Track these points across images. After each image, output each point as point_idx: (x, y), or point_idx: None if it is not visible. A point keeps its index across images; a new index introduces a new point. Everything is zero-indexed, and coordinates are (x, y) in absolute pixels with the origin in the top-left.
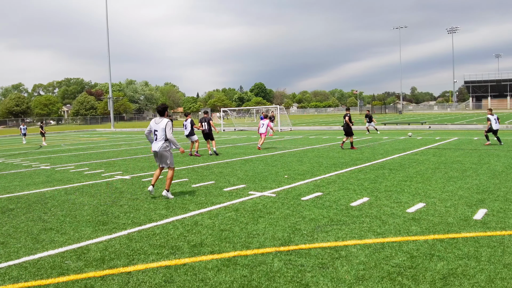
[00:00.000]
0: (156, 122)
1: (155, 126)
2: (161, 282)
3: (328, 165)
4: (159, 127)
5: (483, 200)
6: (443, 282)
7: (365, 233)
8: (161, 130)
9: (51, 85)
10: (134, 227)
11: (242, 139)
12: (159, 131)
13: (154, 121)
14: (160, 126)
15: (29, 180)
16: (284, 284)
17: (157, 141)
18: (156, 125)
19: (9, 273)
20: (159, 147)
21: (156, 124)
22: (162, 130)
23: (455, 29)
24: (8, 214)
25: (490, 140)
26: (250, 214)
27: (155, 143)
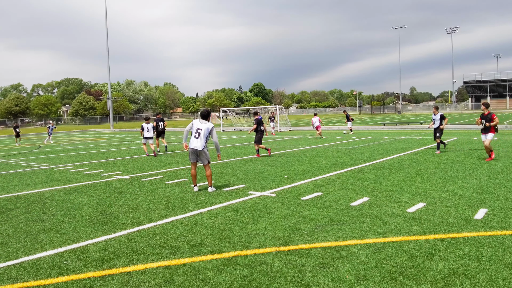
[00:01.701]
0: (201, 122)
1: (200, 125)
2: (161, 282)
3: (328, 165)
4: (204, 127)
5: (483, 200)
6: (444, 282)
7: (365, 233)
8: (206, 130)
9: (50, 85)
10: (134, 227)
11: (242, 139)
12: (203, 130)
13: (199, 121)
14: (206, 126)
15: (28, 180)
16: (284, 284)
17: (199, 139)
18: (201, 124)
19: (8, 273)
20: (202, 145)
21: (201, 124)
22: (207, 130)
23: (454, 29)
24: (7, 214)
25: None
26: (250, 214)
27: (196, 140)
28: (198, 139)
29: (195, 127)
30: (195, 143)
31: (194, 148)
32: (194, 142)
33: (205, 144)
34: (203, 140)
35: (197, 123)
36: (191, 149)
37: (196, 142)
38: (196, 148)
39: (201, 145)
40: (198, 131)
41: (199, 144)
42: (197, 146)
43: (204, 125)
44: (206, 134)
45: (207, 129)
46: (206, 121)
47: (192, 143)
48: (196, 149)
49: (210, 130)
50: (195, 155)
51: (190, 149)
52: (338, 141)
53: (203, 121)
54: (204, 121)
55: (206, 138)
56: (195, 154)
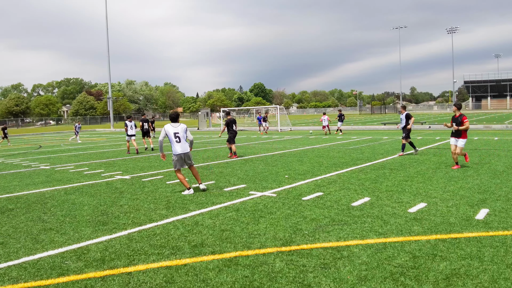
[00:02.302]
0: (174, 125)
1: (174, 129)
2: (162, 283)
3: (329, 165)
4: (180, 129)
5: (484, 200)
6: (446, 282)
7: (367, 233)
8: (183, 132)
9: (51, 85)
10: (135, 227)
11: (242, 139)
12: (180, 133)
13: (171, 126)
14: (181, 128)
15: (29, 180)
16: (286, 284)
17: (181, 143)
18: (175, 128)
19: (9, 273)
20: (188, 147)
21: (175, 127)
22: (184, 132)
23: (454, 29)
24: (7, 214)
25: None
26: (251, 214)
27: (182, 145)
28: (181, 143)
29: (171, 132)
30: (182, 148)
31: (183, 152)
32: (180, 148)
33: (189, 146)
34: (184, 141)
35: (170, 129)
36: (179, 156)
37: (181, 146)
38: (185, 152)
39: (187, 147)
40: (176, 135)
41: (185, 147)
42: (185, 150)
43: (179, 128)
44: (184, 136)
45: (183, 131)
46: (177, 123)
47: (178, 149)
48: (185, 153)
49: (185, 131)
50: (183, 160)
51: (178, 155)
52: (339, 141)
53: (174, 124)
54: (175, 124)
55: (185, 138)
56: (183, 159)
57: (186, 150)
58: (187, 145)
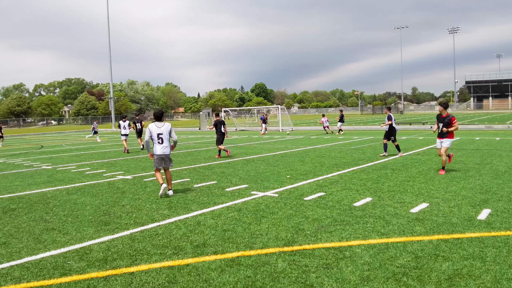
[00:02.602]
0: (158, 126)
1: (158, 129)
2: (164, 283)
3: (330, 165)
4: (164, 130)
5: (486, 200)
6: (448, 283)
7: (369, 233)
8: (167, 133)
9: (52, 85)
10: (137, 227)
11: (244, 139)
12: (164, 133)
13: (155, 125)
14: (165, 128)
15: (31, 180)
16: (288, 284)
17: (164, 144)
18: (159, 128)
19: (11, 273)
20: (169, 149)
21: (159, 127)
22: (168, 133)
23: (456, 29)
24: (9, 214)
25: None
26: (253, 214)
27: (163, 146)
28: (163, 144)
29: (155, 132)
30: (162, 149)
31: (163, 154)
32: (161, 148)
33: (170, 148)
34: (167, 142)
35: (154, 128)
36: (159, 156)
37: (162, 148)
38: (165, 154)
39: (169, 150)
40: (159, 136)
41: (167, 149)
42: (165, 151)
43: (163, 128)
44: (168, 137)
45: (167, 132)
46: (161, 122)
47: (159, 149)
48: (165, 155)
49: (170, 131)
50: (163, 161)
51: (158, 156)
52: (340, 141)
53: (159, 123)
54: (160, 123)
55: (169, 140)
56: (163, 160)
57: (166, 152)
58: (168, 147)
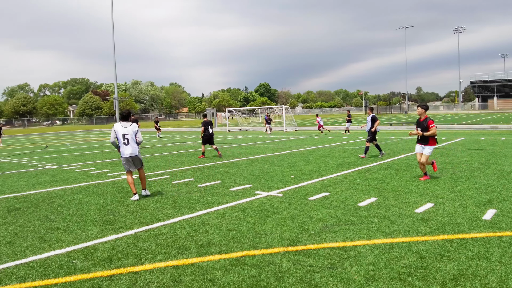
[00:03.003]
0: (124, 126)
1: (124, 129)
2: (169, 282)
3: (335, 165)
4: (130, 131)
5: (492, 201)
6: (454, 283)
7: (373, 233)
8: (132, 134)
9: (57, 85)
10: (141, 226)
11: (248, 139)
12: (130, 134)
13: (120, 125)
14: (131, 129)
15: (36, 179)
16: (293, 284)
17: (130, 145)
18: (125, 129)
19: (16, 272)
20: (137, 150)
21: (125, 128)
22: (133, 133)
23: (461, 29)
24: (14, 214)
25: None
26: (257, 214)
27: (129, 147)
28: (129, 145)
29: (120, 133)
30: (129, 150)
31: (130, 155)
32: (127, 150)
33: (139, 148)
34: (134, 143)
35: (120, 129)
36: (126, 158)
37: (129, 149)
38: (132, 155)
39: (136, 150)
40: (125, 137)
41: (134, 150)
42: (132, 152)
43: (128, 129)
44: (134, 138)
45: (133, 132)
46: (128, 123)
47: (125, 151)
48: (132, 156)
49: (136, 132)
50: (131, 162)
51: (125, 158)
52: (345, 141)
53: (125, 123)
54: (126, 123)
55: (135, 140)
56: (131, 162)
57: (134, 153)
58: (136, 148)
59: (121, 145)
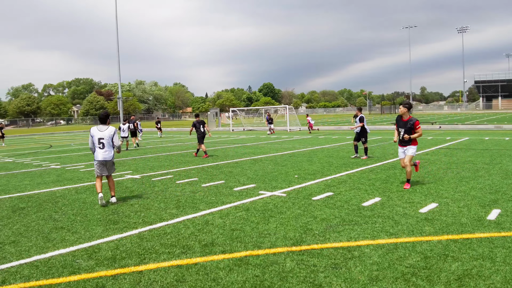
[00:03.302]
0: (101, 129)
1: (100, 133)
2: (172, 282)
3: (339, 165)
4: (106, 135)
5: (496, 201)
6: (458, 283)
7: (377, 233)
8: (109, 138)
9: (61, 85)
10: (145, 226)
11: (251, 139)
12: (106, 138)
13: (97, 129)
14: (108, 133)
15: (40, 179)
16: (297, 284)
17: (105, 149)
18: (101, 132)
19: (21, 271)
20: (111, 155)
21: (101, 132)
22: (110, 137)
23: (465, 29)
24: (19, 213)
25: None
26: (261, 214)
27: (105, 152)
28: (104, 150)
29: (96, 137)
30: (103, 155)
31: (103, 160)
32: (101, 154)
33: (113, 153)
34: (110, 147)
35: (96, 132)
36: (100, 162)
37: (103, 153)
38: (106, 160)
39: (110, 155)
40: (100, 141)
41: (108, 154)
42: (106, 157)
43: (105, 132)
44: (110, 142)
45: (109, 136)
46: (105, 126)
47: (99, 155)
48: (106, 160)
49: (113, 136)
50: (104, 167)
51: (99, 161)
52: (349, 141)
53: (102, 127)
54: (103, 127)
55: (112, 145)
56: (104, 166)
57: (108, 158)
58: (111, 153)
59: (96, 148)
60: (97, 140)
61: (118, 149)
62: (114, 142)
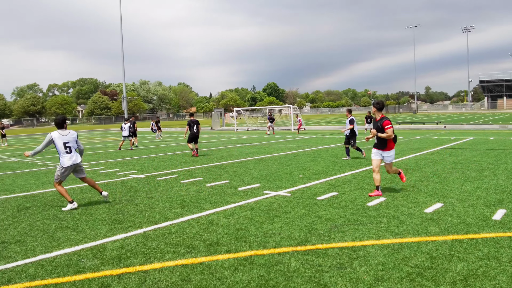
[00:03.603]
0: (63, 134)
1: (64, 137)
2: (177, 281)
3: (343, 165)
4: (70, 138)
5: (501, 201)
6: (463, 283)
7: (383, 233)
8: (73, 141)
9: (66, 85)
10: (150, 225)
11: (255, 138)
12: (71, 142)
13: (58, 133)
14: (71, 136)
15: (45, 178)
16: (302, 284)
17: (72, 153)
18: (64, 137)
19: (26, 271)
20: (80, 159)
21: (64, 136)
22: (74, 140)
23: (470, 28)
24: (24, 212)
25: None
26: (266, 214)
27: (71, 155)
28: (71, 154)
29: (60, 142)
30: (72, 159)
31: (73, 164)
32: (70, 158)
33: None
34: (77, 153)
35: (59, 137)
36: (70, 167)
37: (72, 157)
38: (76, 163)
39: (79, 158)
40: (66, 145)
41: (77, 158)
42: (76, 160)
43: (68, 136)
44: (75, 146)
45: (74, 140)
46: (66, 130)
47: (67, 160)
48: (76, 163)
49: (76, 139)
50: (75, 171)
51: (69, 167)
52: None
53: (63, 131)
54: (64, 131)
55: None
56: (71, 170)
57: (77, 161)
58: (78, 155)
59: (62, 155)
60: (63, 145)
61: (81, 153)
62: (79, 145)
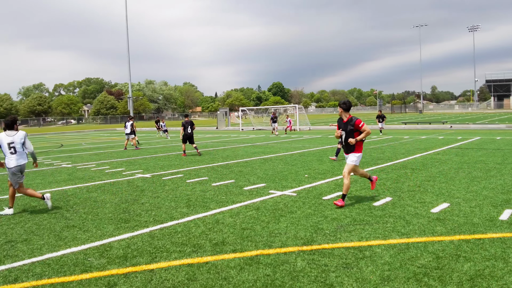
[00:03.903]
0: (9, 134)
1: (9, 138)
2: (184, 280)
3: None
4: (16, 139)
5: (508, 201)
6: (470, 284)
7: (389, 233)
8: (20, 143)
9: (72, 85)
10: (156, 225)
11: (261, 138)
12: (17, 143)
13: (5, 134)
14: (18, 137)
15: (51, 178)
16: (308, 283)
17: (17, 154)
18: (10, 137)
19: (33, 269)
20: (26, 158)
21: (10, 136)
22: (21, 141)
23: (476, 28)
24: (31, 211)
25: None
26: (271, 213)
27: (16, 156)
28: (16, 155)
29: (4, 142)
30: (17, 160)
31: (19, 165)
32: (15, 160)
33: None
34: (23, 153)
35: (4, 137)
36: (16, 168)
37: (17, 159)
38: (20, 164)
39: (24, 159)
40: (11, 146)
41: (23, 159)
42: (20, 162)
43: (15, 137)
44: (21, 147)
45: (20, 140)
46: (13, 131)
47: (12, 161)
48: (20, 165)
49: (24, 140)
50: (19, 174)
51: (15, 168)
52: None
53: (10, 132)
54: (11, 132)
55: (23, 150)
56: (19, 173)
57: (21, 163)
58: (25, 157)
59: (7, 155)
60: (7, 146)
61: (32, 156)
62: (26, 147)
